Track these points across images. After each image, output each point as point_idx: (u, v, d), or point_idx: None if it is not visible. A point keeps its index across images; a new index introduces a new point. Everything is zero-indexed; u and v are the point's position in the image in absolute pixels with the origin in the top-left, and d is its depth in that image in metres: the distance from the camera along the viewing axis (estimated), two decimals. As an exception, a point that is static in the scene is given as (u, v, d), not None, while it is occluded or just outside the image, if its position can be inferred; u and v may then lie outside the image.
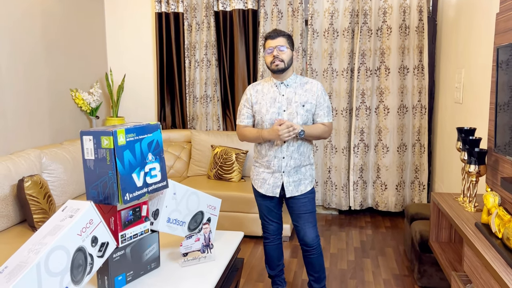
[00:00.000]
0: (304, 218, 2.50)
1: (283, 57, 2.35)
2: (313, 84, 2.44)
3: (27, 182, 2.76)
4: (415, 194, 4.20)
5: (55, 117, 3.82)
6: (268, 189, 2.49)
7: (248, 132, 2.46)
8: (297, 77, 2.46)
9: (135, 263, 1.99)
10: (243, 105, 2.50)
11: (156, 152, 1.98)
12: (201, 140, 4.23)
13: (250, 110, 2.48)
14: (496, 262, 1.65)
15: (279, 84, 2.43)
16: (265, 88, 2.46)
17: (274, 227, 2.62)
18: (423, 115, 4.08)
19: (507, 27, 2.21)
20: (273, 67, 2.36)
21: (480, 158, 2.22)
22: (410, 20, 4.03)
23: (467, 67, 3.11)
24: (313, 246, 2.51)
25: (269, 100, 2.42)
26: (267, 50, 2.37)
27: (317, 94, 2.42)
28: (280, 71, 2.37)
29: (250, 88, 2.50)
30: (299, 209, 2.49)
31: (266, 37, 2.39)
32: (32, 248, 1.56)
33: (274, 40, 2.35)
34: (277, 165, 2.43)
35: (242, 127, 2.50)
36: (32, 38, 3.50)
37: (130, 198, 1.83)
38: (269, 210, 2.58)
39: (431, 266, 2.80)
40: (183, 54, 4.47)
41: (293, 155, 2.42)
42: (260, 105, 2.43)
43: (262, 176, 2.50)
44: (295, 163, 2.44)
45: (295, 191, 2.46)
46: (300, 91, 2.41)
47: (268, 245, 2.67)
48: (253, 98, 2.46)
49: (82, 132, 1.81)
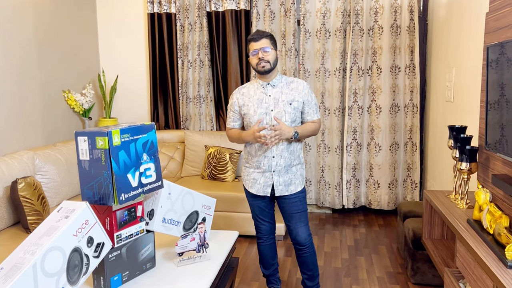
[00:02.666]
0: (296, 218, 2.52)
1: (268, 58, 2.38)
2: (299, 83, 2.48)
3: (21, 183, 2.74)
4: (408, 192, 4.24)
5: (47, 119, 3.81)
6: (259, 189, 2.51)
7: (232, 133, 2.54)
8: (283, 77, 2.50)
9: (131, 263, 1.99)
10: (229, 110, 2.56)
11: (151, 152, 1.99)
12: (194, 141, 4.23)
13: (236, 114, 2.53)
14: (488, 257, 1.68)
15: (265, 85, 2.46)
16: (251, 90, 2.49)
17: (266, 226, 2.64)
18: (415, 114, 4.12)
19: (497, 26, 2.24)
20: (260, 69, 2.39)
21: (471, 156, 2.25)
22: (401, 20, 4.06)
23: (457, 66, 3.15)
24: (305, 245, 2.54)
25: (256, 101, 2.45)
26: (252, 52, 2.40)
27: (304, 92, 2.46)
28: (266, 72, 2.40)
29: (236, 93, 2.54)
30: (290, 208, 2.51)
31: (249, 40, 2.42)
32: (28, 249, 1.55)
33: (258, 42, 2.38)
34: (267, 164, 2.45)
35: (229, 130, 2.58)
36: (24, 39, 3.49)
37: (126, 198, 1.84)
38: (260, 210, 2.60)
39: (424, 263, 2.83)
40: (176, 54, 4.47)
41: (283, 154, 2.44)
42: (248, 107, 2.46)
43: (252, 176, 2.52)
44: (285, 162, 2.46)
45: (284, 190, 2.48)
46: (287, 90, 2.45)
47: (261, 245, 2.68)
48: (239, 101, 2.50)
49: (76, 132, 1.81)
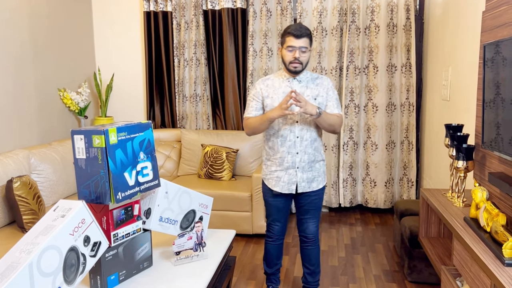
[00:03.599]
0: (310, 214, 2.52)
1: (303, 59, 2.32)
2: (323, 79, 2.46)
3: (16, 182, 2.73)
4: (404, 190, 4.25)
5: (43, 117, 3.78)
6: (284, 187, 2.46)
7: (253, 120, 2.41)
8: (308, 73, 2.46)
9: (128, 263, 1.98)
10: (252, 99, 2.46)
11: (147, 151, 1.98)
12: (191, 139, 4.22)
13: (259, 103, 2.44)
14: (485, 255, 1.68)
15: (291, 80, 2.41)
16: (276, 83, 2.43)
17: (279, 227, 2.60)
18: (411, 113, 4.13)
19: (493, 24, 2.25)
20: (291, 68, 2.34)
21: (468, 154, 2.26)
22: (397, 19, 4.07)
23: (454, 64, 3.15)
24: (312, 239, 2.55)
25: (281, 94, 2.39)
26: (288, 48, 2.31)
27: (327, 87, 2.44)
28: (297, 73, 2.38)
29: (260, 83, 2.46)
30: (308, 205, 2.50)
31: (289, 33, 2.29)
32: (24, 248, 1.54)
33: (299, 40, 2.28)
34: (291, 161, 2.41)
35: (248, 119, 2.45)
36: (19, 37, 3.46)
37: (122, 197, 1.83)
38: (278, 209, 2.54)
39: (421, 262, 2.84)
40: (172, 53, 4.45)
41: (307, 150, 2.41)
42: (272, 99, 2.40)
43: (276, 174, 2.46)
44: (309, 158, 2.42)
45: (307, 187, 2.45)
46: (312, 85, 2.42)
47: (270, 243, 2.64)
48: (263, 92, 2.43)
49: (73, 131, 1.80)
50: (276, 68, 4.29)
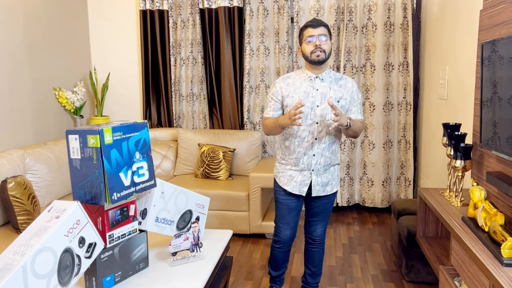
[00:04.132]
0: (320, 217, 2.47)
1: (324, 47, 2.20)
2: (347, 80, 2.33)
3: (10, 183, 2.70)
4: (401, 190, 4.25)
5: (38, 117, 3.75)
6: (295, 187, 2.36)
7: (268, 122, 2.33)
8: (331, 72, 2.33)
9: (124, 264, 1.96)
10: (271, 98, 2.36)
11: (143, 151, 1.96)
12: (187, 139, 4.20)
13: (278, 104, 2.34)
14: (483, 255, 1.67)
15: (314, 78, 2.29)
16: (297, 82, 2.31)
17: (287, 232, 2.46)
18: (408, 112, 4.12)
19: (491, 23, 2.24)
20: (314, 58, 2.21)
21: (465, 153, 2.25)
22: (394, 18, 4.06)
23: (451, 63, 3.14)
24: (318, 241, 2.52)
25: (302, 94, 2.27)
26: (308, 39, 2.21)
27: (352, 90, 2.32)
28: (320, 62, 2.22)
29: (280, 81, 2.35)
30: (318, 208, 2.43)
31: (306, 26, 2.23)
32: (17, 250, 1.52)
33: (316, 29, 2.20)
34: (307, 162, 2.32)
35: (265, 119, 2.36)
36: (14, 36, 3.43)
37: (118, 197, 1.81)
38: (289, 210, 2.42)
39: (419, 261, 2.83)
40: (169, 52, 4.43)
41: (324, 153, 2.32)
42: (292, 99, 2.28)
43: (289, 173, 2.37)
44: (325, 161, 2.33)
45: (321, 191, 2.37)
46: (335, 87, 2.29)
47: (276, 249, 2.53)
48: (283, 91, 2.31)
49: (67, 131, 1.78)
50: (273, 67, 4.27)
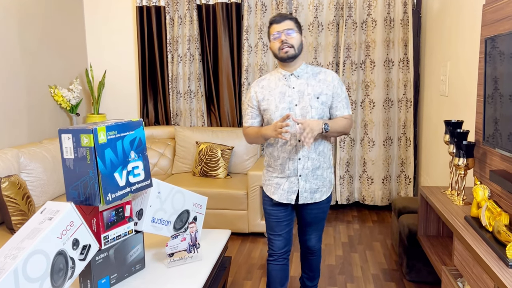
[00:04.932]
0: (313, 227, 2.31)
1: (292, 42, 2.06)
2: (327, 74, 2.15)
3: (4, 183, 2.65)
4: (401, 187, 4.21)
5: (33, 115, 3.70)
6: (283, 195, 2.18)
7: (250, 131, 2.19)
8: (308, 67, 2.18)
9: (119, 265, 1.92)
10: (247, 105, 2.22)
11: (139, 150, 1.91)
12: (185, 137, 4.15)
13: (255, 110, 2.20)
14: (487, 256, 1.63)
15: (288, 76, 2.13)
16: (272, 83, 2.16)
17: (281, 243, 2.26)
18: (409, 109, 4.08)
19: (494, 18, 2.19)
20: (282, 54, 2.07)
21: (468, 151, 2.20)
22: (394, 13, 4.01)
23: (452, 59, 3.10)
24: (314, 251, 2.38)
25: (278, 95, 2.12)
26: (273, 35, 2.08)
27: (333, 84, 2.13)
28: (290, 58, 2.08)
29: (254, 85, 2.20)
30: (309, 217, 2.26)
31: (270, 22, 2.10)
32: (8, 253, 1.48)
33: (281, 24, 2.07)
34: (293, 168, 2.14)
35: (246, 128, 2.23)
36: (8, 33, 3.37)
37: (113, 198, 1.76)
38: (278, 221, 2.24)
39: (420, 260, 2.79)
40: (166, 48, 4.37)
41: (310, 155, 2.13)
42: (268, 102, 2.13)
43: (275, 181, 2.20)
44: (313, 164, 2.15)
45: (309, 198, 2.18)
46: (313, 82, 2.12)
47: (271, 264, 2.29)
48: (258, 96, 2.17)
49: (60, 130, 1.73)
50: (272, 64, 4.22)
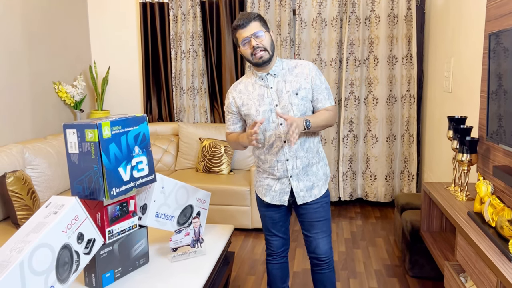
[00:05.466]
0: (317, 227, 2.11)
1: (264, 43, 1.93)
2: (303, 66, 2.02)
3: (9, 178, 2.67)
4: (404, 184, 4.21)
5: (37, 111, 3.72)
6: (275, 197, 2.08)
7: (231, 138, 2.11)
8: (283, 62, 2.05)
9: (123, 260, 1.93)
10: (227, 111, 2.12)
11: (143, 145, 1.92)
12: (188, 133, 4.17)
13: (235, 115, 2.10)
14: (490, 251, 1.64)
15: (264, 76, 2.01)
16: (249, 86, 2.04)
17: (279, 242, 2.21)
18: (412, 105, 4.07)
19: (498, 14, 2.18)
20: (257, 60, 1.94)
21: (471, 147, 2.20)
22: (398, 9, 4.00)
23: (456, 55, 3.09)
24: (325, 260, 2.14)
25: (257, 98, 2.01)
26: (242, 42, 1.93)
27: (311, 75, 2.01)
28: (265, 62, 1.96)
29: (231, 91, 2.09)
30: (311, 216, 2.10)
31: (234, 28, 1.95)
32: (14, 246, 1.49)
33: (246, 29, 1.91)
34: (282, 169, 2.03)
35: (228, 135, 2.15)
36: (12, 30, 3.38)
37: (117, 193, 1.78)
38: (274, 222, 2.16)
39: (422, 256, 2.80)
40: (169, 45, 4.38)
41: (298, 154, 2.02)
42: (248, 107, 2.02)
43: (266, 182, 2.10)
44: (303, 162, 2.04)
45: (307, 196, 2.06)
46: (290, 78, 2.00)
47: (270, 263, 2.25)
48: (237, 101, 2.06)
49: (65, 125, 1.74)
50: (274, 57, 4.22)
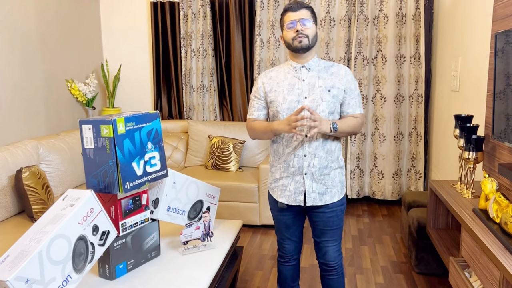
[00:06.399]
0: (328, 235, 2.09)
1: (307, 32, 1.94)
2: (339, 68, 2.03)
3: (25, 172, 2.75)
4: (412, 182, 4.23)
5: (51, 108, 3.80)
6: (290, 197, 2.03)
7: (257, 125, 2.03)
8: (320, 60, 2.06)
9: (136, 252, 1.99)
10: (254, 96, 2.09)
11: (155, 141, 1.98)
12: (198, 131, 4.23)
13: (262, 102, 2.06)
14: (494, 246, 1.67)
15: (299, 68, 2.01)
16: (281, 74, 2.04)
17: (291, 246, 2.18)
18: (420, 104, 4.09)
19: (505, 13, 2.21)
20: (296, 44, 1.94)
21: (477, 145, 2.23)
22: (406, 9, 4.02)
23: (464, 55, 3.11)
24: (334, 266, 2.13)
25: (287, 87, 2.00)
26: (288, 24, 1.96)
27: (346, 78, 2.01)
28: (304, 49, 1.95)
29: (262, 76, 2.08)
30: (323, 224, 2.07)
31: (286, 9, 1.98)
32: (33, 237, 1.56)
33: (297, 13, 1.95)
34: (297, 165, 1.99)
35: (251, 121, 2.08)
36: (26, 29, 3.47)
37: (131, 186, 1.84)
38: (287, 226, 2.13)
39: (428, 253, 2.83)
40: (179, 44, 4.44)
41: (317, 152, 1.98)
42: (276, 93, 2.01)
43: (281, 182, 2.05)
44: (320, 163, 1.99)
45: (318, 199, 2.01)
46: (325, 75, 2.00)
47: (282, 265, 2.23)
48: (266, 87, 2.04)
49: (81, 121, 1.81)
50: (283, 59, 4.27)
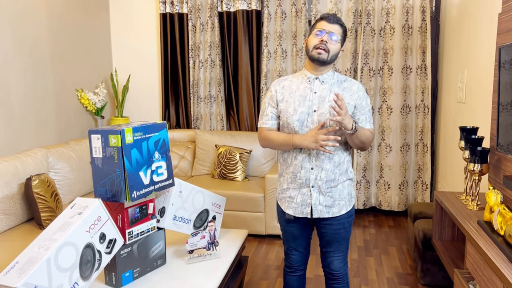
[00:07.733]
0: (334, 246, 2.09)
1: (330, 47, 1.91)
2: (352, 83, 2.01)
3: (35, 180, 2.79)
4: (418, 193, 4.22)
5: (61, 117, 3.86)
6: (297, 209, 2.02)
7: (275, 136, 1.99)
8: (335, 74, 2.03)
9: (142, 260, 2.02)
10: (268, 104, 2.05)
11: (162, 151, 2.01)
12: (205, 140, 4.26)
13: (275, 110, 2.03)
14: (498, 258, 1.67)
15: (313, 79, 1.99)
16: (294, 84, 2.02)
17: (298, 257, 2.17)
18: (426, 115, 4.10)
19: (509, 27, 2.23)
20: (314, 54, 1.92)
21: (482, 157, 2.24)
22: (413, 21, 4.05)
23: (470, 67, 3.13)
24: (339, 276, 2.13)
25: (298, 98, 1.97)
26: (316, 31, 1.93)
27: (358, 94, 1.99)
28: (319, 61, 1.92)
29: (275, 84, 2.05)
30: (330, 236, 2.06)
31: (322, 17, 1.95)
32: (42, 244, 1.59)
33: (330, 25, 1.92)
34: (304, 177, 1.98)
35: (265, 130, 2.03)
36: (37, 38, 3.54)
37: (138, 195, 1.87)
38: (294, 237, 2.12)
39: (434, 264, 2.82)
40: (187, 54, 4.50)
41: (325, 165, 1.97)
42: (287, 104, 1.98)
43: (288, 193, 2.04)
44: (328, 176, 1.97)
45: (325, 212, 1.99)
46: (337, 89, 1.98)
47: (288, 275, 2.22)
48: (278, 95, 2.02)
49: (90, 131, 1.85)
50: (290, 70, 4.30)
